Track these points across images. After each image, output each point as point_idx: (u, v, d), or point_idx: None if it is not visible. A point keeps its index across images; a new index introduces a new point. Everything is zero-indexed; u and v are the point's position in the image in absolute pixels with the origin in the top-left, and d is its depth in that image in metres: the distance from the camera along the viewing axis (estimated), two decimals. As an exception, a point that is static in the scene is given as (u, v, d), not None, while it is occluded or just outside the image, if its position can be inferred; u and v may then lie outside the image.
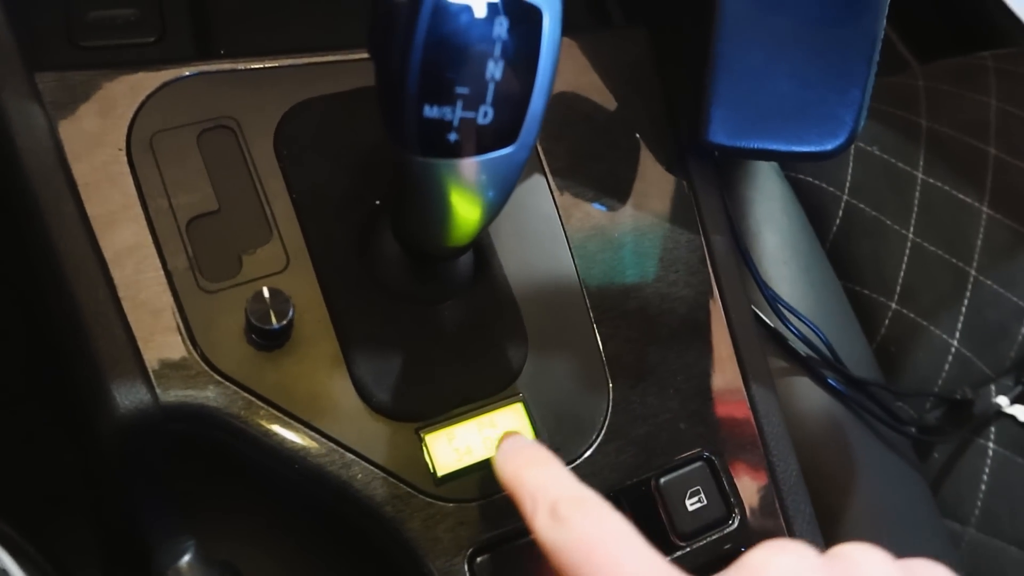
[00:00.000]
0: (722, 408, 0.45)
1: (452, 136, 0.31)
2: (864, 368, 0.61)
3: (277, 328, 0.37)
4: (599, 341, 0.44)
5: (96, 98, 0.39)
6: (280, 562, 0.44)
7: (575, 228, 0.46)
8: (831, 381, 0.56)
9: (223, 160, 0.40)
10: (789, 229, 0.62)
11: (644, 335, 0.45)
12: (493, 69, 0.30)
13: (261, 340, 0.38)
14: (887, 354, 0.66)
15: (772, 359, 0.55)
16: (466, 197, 0.33)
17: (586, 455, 0.42)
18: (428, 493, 0.39)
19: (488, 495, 0.40)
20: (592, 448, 0.42)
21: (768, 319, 0.56)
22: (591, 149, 0.48)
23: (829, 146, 0.47)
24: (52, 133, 0.38)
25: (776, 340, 0.56)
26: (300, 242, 0.40)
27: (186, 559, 0.40)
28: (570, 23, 0.53)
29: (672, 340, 0.46)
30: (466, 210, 0.34)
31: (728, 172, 0.61)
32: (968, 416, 0.65)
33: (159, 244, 0.38)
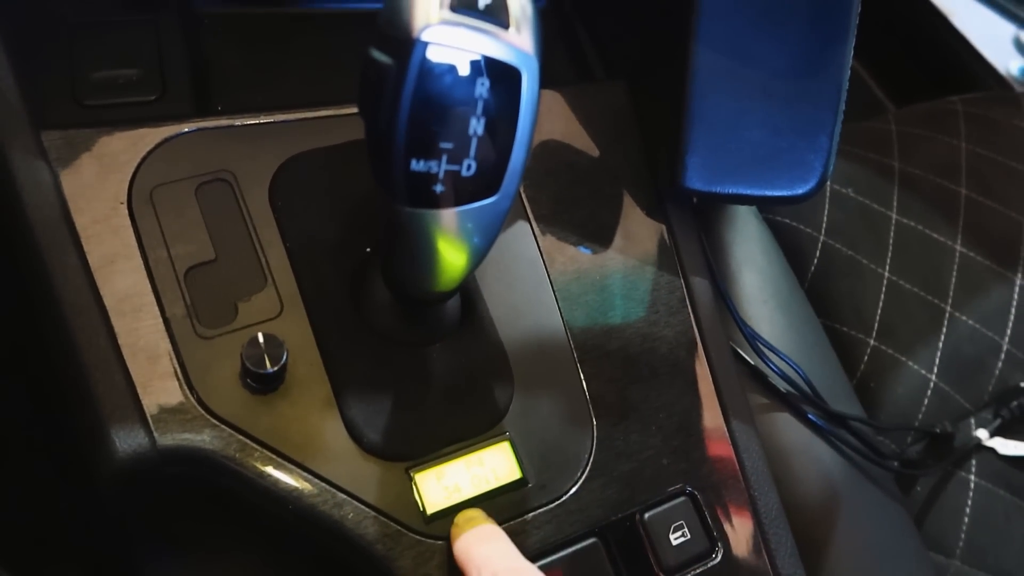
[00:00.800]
0: (703, 444, 0.47)
1: (438, 188, 0.33)
2: (845, 403, 0.63)
3: (271, 372, 0.38)
4: (583, 380, 0.46)
5: (99, 154, 0.41)
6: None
7: (558, 272, 0.47)
8: (812, 416, 0.58)
9: (220, 211, 0.42)
10: (768, 269, 0.64)
11: (626, 374, 0.47)
12: (475, 125, 0.32)
13: (256, 384, 0.39)
14: (867, 389, 0.67)
15: (753, 396, 0.57)
16: (452, 244, 0.35)
17: (572, 491, 0.43)
18: (418, 531, 0.40)
19: (477, 533, 0.41)
20: (578, 484, 0.44)
21: (748, 357, 0.57)
22: (574, 195, 0.50)
23: (800, 190, 0.50)
24: (57, 188, 0.40)
25: (757, 377, 0.57)
26: (293, 289, 0.42)
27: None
28: (555, 77, 0.56)
29: (654, 379, 0.47)
30: (452, 256, 0.36)
31: (708, 215, 0.63)
32: (949, 449, 0.66)
33: (158, 293, 0.40)
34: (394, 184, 0.33)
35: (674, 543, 0.44)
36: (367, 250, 0.44)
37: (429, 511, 0.40)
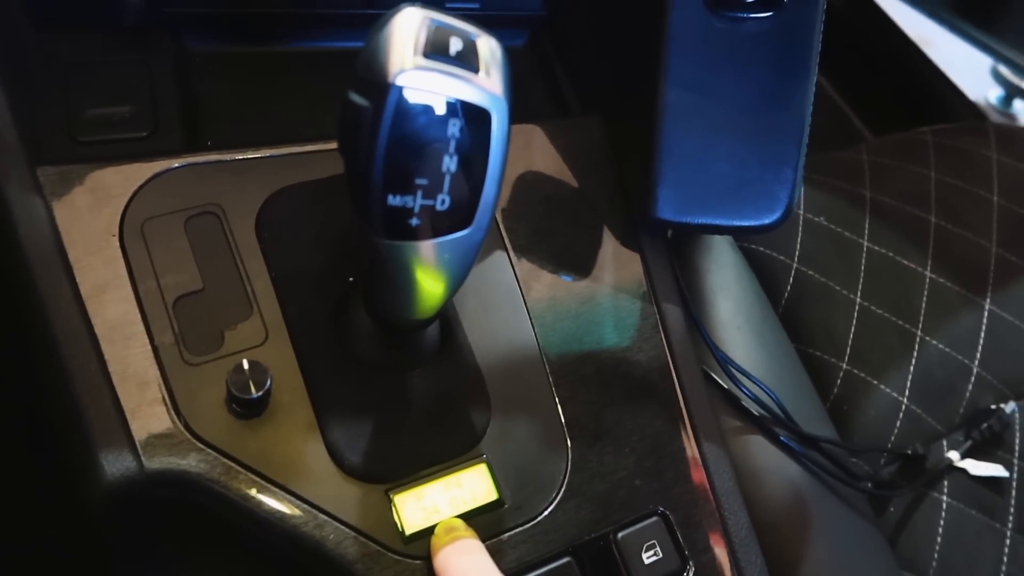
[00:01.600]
0: (675, 465, 0.48)
1: (414, 221, 0.35)
2: (819, 426, 0.65)
3: (255, 397, 0.40)
4: (558, 404, 0.47)
5: (92, 188, 0.43)
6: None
7: (535, 299, 0.49)
8: (784, 439, 0.60)
9: (208, 243, 0.44)
10: (742, 296, 0.66)
11: (601, 398, 0.48)
12: (448, 163, 0.34)
13: (241, 409, 0.41)
14: (840, 412, 0.69)
15: (726, 419, 0.59)
16: (429, 274, 0.37)
17: (547, 512, 0.45)
18: (397, 551, 0.41)
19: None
20: (553, 505, 0.45)
21: (722, 381, 0.59)
22: (550, 226, 0.52)
23: (767, 220, 0.52)
24: (51, 222, 0.41)
25: (730, 401, 0.59)
26: (278, 317, 0.43)
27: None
28: (534, 113, 0.58)
29: (627, 402, 0.49)
30: (429, 285, 0.38)
31: (684, 244, 0.66)
32: (921, 471, 0.68)
33: (147, 321, 0.41)
34: (372, 218, 0.34)
35: (646, 562, 0.45)
36: (350, 280, 0.45)
37: (408, 531, 0.42)
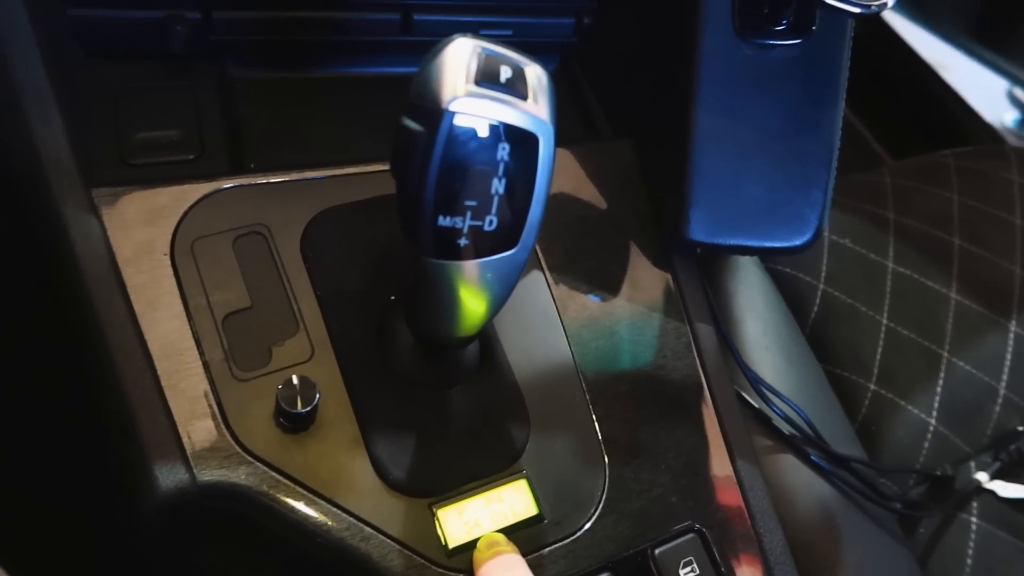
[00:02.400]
0: (710, 482, 0.49)
1: (462, 241, 0.36)
2: (847, 446, 0.65)
3: (303, 412, 0.41)
4: (595, 421, 0.48)
5: (144, 209, 0.44)
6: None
7: (571, 318, 0.50)
8: (815, 458, 0.60)
9: (255, 262, 0.45)
10: (770, 317, 0.67)
11: (636, 415, 0.49)
12: (497, 185, 0.35)
13: (288, 423, 0.42)
14: (868, 433, 0.69)
15: (758, 438, 0.59)
16: (473, 293, 0.38)
17: (586, 527, 0.46)
18: (440, 564, 0.42)
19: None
20: (591, 521, 0.46)
21: (752, 400, 0.60)
22: (584, 247, 0.53)
23: (797, 242, 0.53)
24: (106, 241, 0.43)
25: (761, 420, 0.60)
26: (323, 334, 0.44)
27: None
28: (565, 137, 0.59)
29: (662, 420, 0.50)
30: (474, 304, 0.39)
31: (712, 265, 0.67)
32: (950, 492, 0.68)
33: (198, 338, 0.42)
34: (422, 238, 0.36)
35: (683, 578, 0.46)
36: (391, 298, 0.46)
37: (451, 545, 0.43)
